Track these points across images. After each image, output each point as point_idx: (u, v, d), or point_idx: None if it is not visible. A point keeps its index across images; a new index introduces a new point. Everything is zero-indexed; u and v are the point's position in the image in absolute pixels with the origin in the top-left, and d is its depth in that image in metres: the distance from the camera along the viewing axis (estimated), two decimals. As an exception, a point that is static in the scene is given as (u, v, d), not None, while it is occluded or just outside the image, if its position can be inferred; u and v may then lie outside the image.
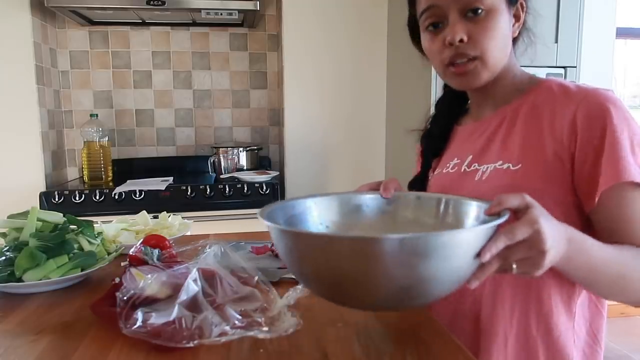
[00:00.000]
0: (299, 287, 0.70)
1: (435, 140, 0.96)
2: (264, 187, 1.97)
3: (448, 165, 0.88)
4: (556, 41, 1.92)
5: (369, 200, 0.75)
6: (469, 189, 0.80)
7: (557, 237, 0.56)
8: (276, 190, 1.99)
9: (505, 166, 0.77)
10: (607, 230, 0.71)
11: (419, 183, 0.96)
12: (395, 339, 0.64)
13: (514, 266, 0.56)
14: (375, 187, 0.78)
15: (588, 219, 0.74)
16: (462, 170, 0.84)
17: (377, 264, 0.49)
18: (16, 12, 1.96)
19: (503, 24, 0.76)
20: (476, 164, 0.82)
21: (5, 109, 1.99)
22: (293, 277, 0.85)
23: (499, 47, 0.76)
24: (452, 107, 0.96)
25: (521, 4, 0.80)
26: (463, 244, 0.51)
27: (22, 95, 2.00)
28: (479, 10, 0.74)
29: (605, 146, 0.69)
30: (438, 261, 0.50)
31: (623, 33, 2.62)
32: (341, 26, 2.24)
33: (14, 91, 1.99)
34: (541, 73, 1.92)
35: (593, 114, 0.70)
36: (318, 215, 0.72)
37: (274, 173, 2.12)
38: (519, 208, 0.56)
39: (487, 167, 0.80)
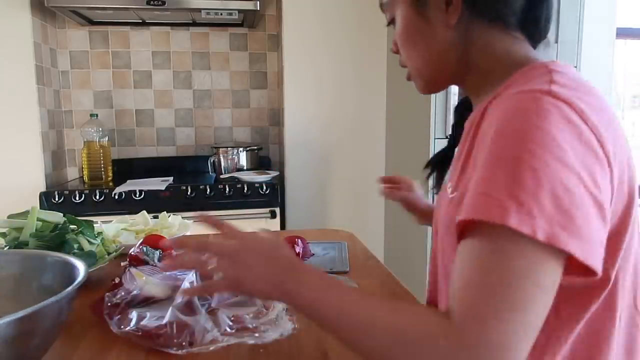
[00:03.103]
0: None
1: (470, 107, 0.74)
2: (264, 187, 1.97)
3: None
4: (556, 41, 1.92)
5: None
6: (441, 211, 0.65)
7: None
8: (276, 190, 1.99)
9: (449, 190, 0.63)
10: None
11: (441, 158, 0.81)
12: (395, 339, 0.64)
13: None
14: None
15: None
16: (443, 187, 0.70)
17: None
18: (16, 12, 1.96)
19: (410, 27, 0.64)
20: (450, 183, 0.65)
21: (5, 109, 1.99)
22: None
23: (418, 52, 0.65)
24: None
25: None
26: None
27: (22, 95, 1.99)
28: (391, 21, 0.67)
29: (476, 175, 0.50)
30: None
31: (623, 33, 2.61)
32: (341, 26, 2.24)
33: (14, 91, 1.99)
34: (541, 73, 1.92)
35: (491, 122, 0.52)
36: None
37: (274, 173, 2.12)
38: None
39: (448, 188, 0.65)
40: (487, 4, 0.60)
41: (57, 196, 1.83)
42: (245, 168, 2.25)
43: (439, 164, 0.80)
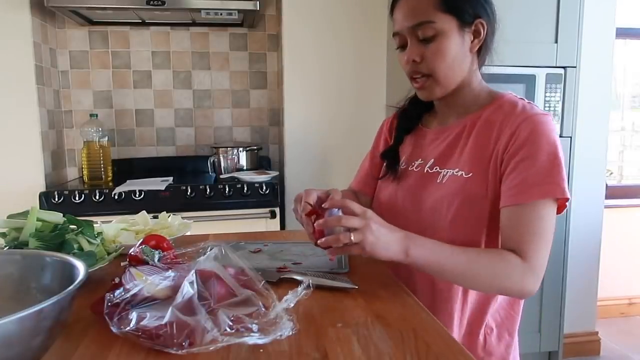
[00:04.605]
0: (299, 289, 0.70)
1: (411, 119, 1.07)
2: (264, 187, 1.97)
3: (413, 163, 1.01)
4: (556, 41, 1.92)
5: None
6: (431, 189, 0.94)
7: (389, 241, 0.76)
8: (276, 190, 1.99)
9: (459, 173, 0.90)
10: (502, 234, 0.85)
11: (392, 154, 1.08)
12: (395, 339, 0.64)
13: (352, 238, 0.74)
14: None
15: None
16: (425, 171, 0.97)
17: None
18: (16, 12, 1.96)
19: (453, 47, 0.88)
20: (437, 167, 0.95)
21: (5, 109, 1.99)
22: (292, 277, 0.85)
23: (448, 66, 0.89)
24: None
25: (481, 23, 0.89)
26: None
27: (22, 95, 1.99)
28: (429, 37, 0.87)
29: (520, 168, 0.83)
30: None
31: (623, 33, 2.61)
32: (341, 26, 2.24)
33: (14, 91, 1.99)
34: (541, 73, 1.92)
35: (524, 135, 0.84)
36: None
37: (274, 173, 2.12)
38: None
39: (447, 172, 0.92)
40: (487, 49, 0.93)
41: (57, 196, 1.83)
42: (245, 168, 2.24)
43: (391, 156, 1.08)
